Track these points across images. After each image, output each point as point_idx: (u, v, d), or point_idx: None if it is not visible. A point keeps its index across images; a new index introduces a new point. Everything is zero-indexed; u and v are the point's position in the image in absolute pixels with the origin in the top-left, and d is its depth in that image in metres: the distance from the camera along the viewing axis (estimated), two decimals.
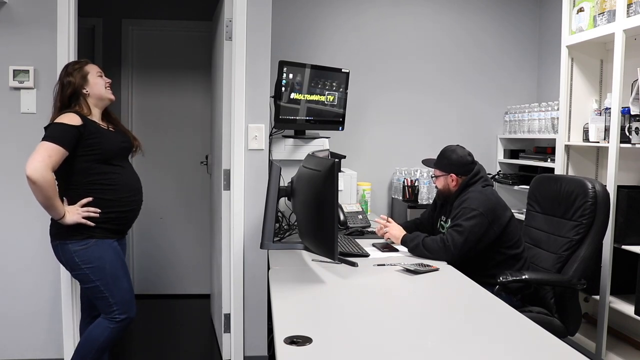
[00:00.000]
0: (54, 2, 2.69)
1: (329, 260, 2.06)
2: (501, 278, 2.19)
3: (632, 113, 2.68)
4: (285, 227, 2.80)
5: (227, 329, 3.01)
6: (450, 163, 2.50)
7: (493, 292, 1.99)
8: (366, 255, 2.28)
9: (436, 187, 2.63)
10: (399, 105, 3.95)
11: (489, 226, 2.30)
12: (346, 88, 3.29)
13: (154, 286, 4.21)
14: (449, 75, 3.99)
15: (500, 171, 3.97)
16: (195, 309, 4.01)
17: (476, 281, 1.98)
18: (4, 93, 2.73)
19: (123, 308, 2.26)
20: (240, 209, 2.85)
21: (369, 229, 2.77)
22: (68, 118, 2.17)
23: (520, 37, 4.04)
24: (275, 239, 2.38)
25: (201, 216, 4.16)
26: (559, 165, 3.21)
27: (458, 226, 2.29)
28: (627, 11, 2.66)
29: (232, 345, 2.92)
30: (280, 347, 1.32)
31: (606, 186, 2.40)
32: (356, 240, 2.54)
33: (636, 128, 2.65)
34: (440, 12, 3.96)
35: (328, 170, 1.83)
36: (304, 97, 3.04)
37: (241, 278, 2.87)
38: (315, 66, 3.08)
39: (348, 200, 3.13)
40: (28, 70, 2.72)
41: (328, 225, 1.84)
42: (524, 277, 2.22)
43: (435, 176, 2.58)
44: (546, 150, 3.50)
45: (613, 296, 2.80)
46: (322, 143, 3.12)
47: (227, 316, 3.00)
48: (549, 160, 3.39)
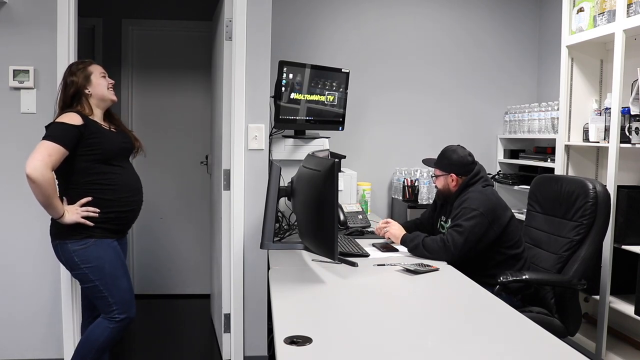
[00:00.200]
0: (54, 2, 2.69)
1: (329, 260, 2.06)
2: (501, 278, 2.19)
3: (632, 113, 2.68)
4: (285, 227, 2.79)
5: (227, 329, 3.01)
6: (450, 163, 2.50)
7: (493, 292, 1.99)
8: (366, 255, 2.28)
9: (436, 187, 2.63)
10: (399, 105, 3.95)
11: (489, 226, 2.30)
12: (346, 88, 3.29)
13: (154, 286, 4.21)
14: (449, 75, 3.99)
15: (500, 171, 3.97)
16: (195, 309, 4.01)
17: (476, 281, 1.98)
18: (4, 93, 2.73)
19: (123, 308, 2.25)
20: (240, 209, 2.85)
21: (369, 229, 2.77)
22: (69, 117, 2.17)
23: (520, 37, 4.04)
24: (275, 239, 2.38)
25: (201, 216, 4.16)
26: (559, 165, 3.21)
27: (458, 226, 2.29)
28: (627, 11, 2.66)
29: (232, 345, 2.92)
30: (280, 347, 1.32)
31: (606, 186, 2.40)
32: (356, 240, 2.54)
33: (636, 128, 2.65)
34: (440, 12, 3.97)
35: (328, 170, 1.83)
36: (304, 97, 3.03)
37: (241, 278, 2.87)
38: (315, 66, 3.08)
39: (348, 200, 3.13)
40: (28, 70, 2.72)
41: (328, 225, 1.84)
42: (524, 277, 2.22)
43: (435, 176, 2.58)
44: (546, 150, 3.49)
45: (613, 296, 2.80)
46: (322, 143, 3.12)
47: (227, 316, 3.00)
48: (549, 160, 3.39)
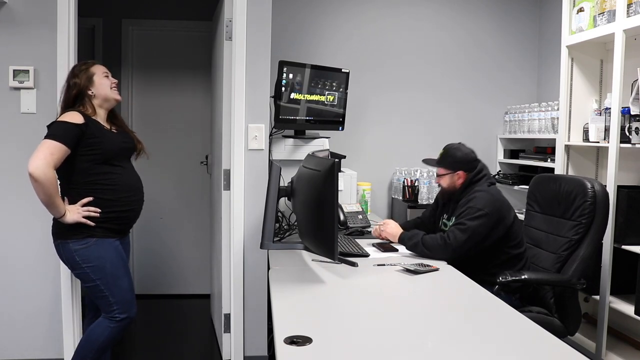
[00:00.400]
0: (54, 2, 2.69)
1: (329, 260, 2.06)
2: (500, 278, 2.19)
3: (632, 113, 2.68)
4: (285, 227, 2.79)
5: (227, 329, 3.01)
6: (455, 161, 2.47)
7: (493, 292, 1.99)
8: (366, 255, 2.28)
9: (439, 186, 2.59)
10: (399, 105, 3.95)
11: (494, 227, 2.29)
12: (346, 88, 3.29)
13: (154, 286, 4.20)
14: (449, 75, 3.99)
15: (500, 171, 3.97)
16: (195, 309, 4.01)
17: (478, 279, 1.98)
18: (4, 93, 2.73)
19: (123, 307, 2.26)
20: (240, 209, 2.85)
21: (369, 229, 2.77)
22: (70, 116, 2.18)
23: (520, 37, 4.04)
24: (275, 239, 2.38)
25: (201, 216, 4.16)
26: (559, 165, 3.21)
27: (461, 224, 2.27)
28: (627, 11, 2.66)
29: (232, 345, 2.92)
30: (280, 347, 1.32)
31: (606, 186, 2.41)
32: (356, 240, 2.54)
33: (636, 128, 2.65)
34: (440, 12, 3.97)
35: (328, 170, 1.83)
36: (304, 97, 3.04)
37: (241, 278, 2.87)
38: (315, 66, 3.08)
39: (348, 200, 3.13)
40: (28, 70, 2.72)
41: (328, 225, 1.84)
42: (523, 277, 2.21)
43: (439, 175, 2.55)
44: (546, 150, 3.50)
45: (613, 296, 2.80)
46: (322, 143, 3.12)
47: (227, 316, 3.00)
48: (549, 160, 3.39)
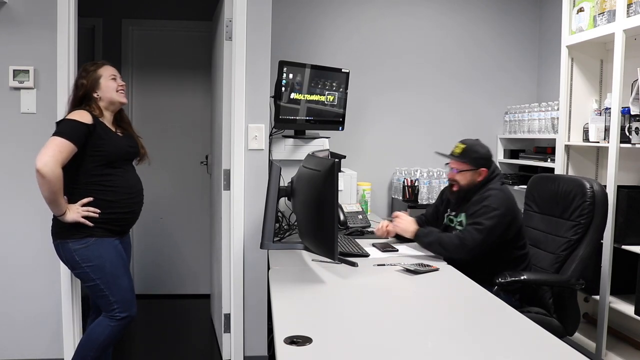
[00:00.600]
0: (54, 2, 2.69)
1: (329, 260, 2.06)
2: (500, 279, 2.18)
3: (632, 113, 2.68)
4: (285, 227, 2.80)
5: (227, 329, 3.02)
6: (480, 157, 2.39)
7: (492, 292, 1.99)
8: (366, 255, 2.28)
9: (452, 182, 2.45)
10: (399, 105, 3.95)
11: (508, 226, 2.28)
12: (346, 88, 3.29)
13: (154, 286, 4.20)
14: (449, 75, 3.99)
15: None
16: (195, 309, 4.01)
17: (478, 279, 1.98)
18: (4, 93, 2.73)
19: (124, 306, 2.26)
20: (240, 209, 2.85)
21: (369, 229, 2.77)
22: (79, 115, 2.19)
23: (520, 37, 4.04)
24: (275, 239, 2.38)
25: (201, 216, 4.16)
26: (559, 165, 3.21)
27: (478, 224, 2.25)
28: (627, 11, 2.66)
29: (232, 345, 2.92)
30: (280, 347, 1.32)
31: (606, 186, 2.40)
32: (356, 240, 2.54)
33: (636, 128, 2.65)
34: (440, 12, 3.96)
35: (328, 170, 1.83)
36: (304, 97, 3.04)
37: (241, 278, 2.87)
38: (315, 66, 3.08)
39: (348, 200, 3.13)
40: (28, 70, 2.71)
41: (328, 225, 1.84)
42: (523, 278, 2.21)
43: (459, 171, 2.40)
44: (546, 150, 3.49)
45: (613, 296, 2.80)
46: (322, 143, 3.12)
47: (227, 316, 3.00)
48: (549, 160, 3.39)
